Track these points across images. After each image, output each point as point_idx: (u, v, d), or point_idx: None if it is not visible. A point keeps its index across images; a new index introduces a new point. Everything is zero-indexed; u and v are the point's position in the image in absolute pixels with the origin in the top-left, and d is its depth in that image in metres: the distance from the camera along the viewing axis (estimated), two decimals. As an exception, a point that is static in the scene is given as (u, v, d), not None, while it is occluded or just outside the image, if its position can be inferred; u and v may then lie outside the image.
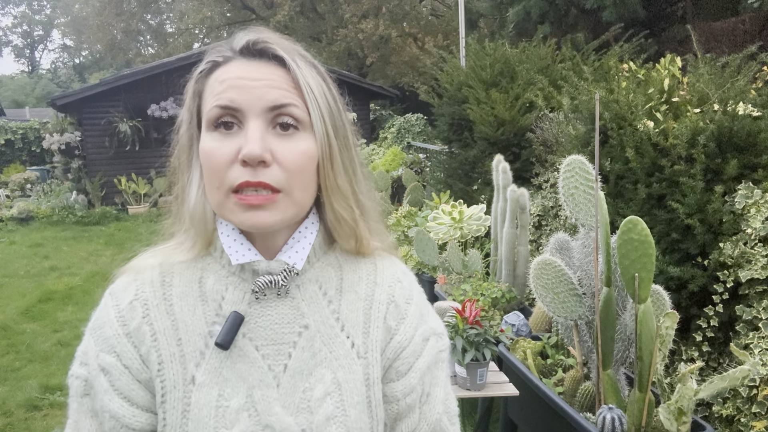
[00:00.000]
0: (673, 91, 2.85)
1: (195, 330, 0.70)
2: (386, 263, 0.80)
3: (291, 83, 0.68)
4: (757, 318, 2.14)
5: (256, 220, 0.65)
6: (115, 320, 0.70)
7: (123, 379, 0.69)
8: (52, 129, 10.67)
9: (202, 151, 0.68)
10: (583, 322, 2.17)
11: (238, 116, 0.66)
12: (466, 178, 4.77)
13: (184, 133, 0.72)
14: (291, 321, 0.72)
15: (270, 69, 0.68)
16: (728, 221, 2.31)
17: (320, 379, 0.71)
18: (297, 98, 0.67)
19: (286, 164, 0.66)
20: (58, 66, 42.03)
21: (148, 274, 0.73)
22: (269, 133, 0.66)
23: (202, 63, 0.72)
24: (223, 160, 0.65)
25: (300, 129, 0.68)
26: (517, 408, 2.47)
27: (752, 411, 2.04)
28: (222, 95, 0.66)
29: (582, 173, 2.07)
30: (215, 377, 0.69)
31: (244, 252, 0.71)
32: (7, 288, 5.83)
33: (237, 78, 0.67)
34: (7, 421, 3.18)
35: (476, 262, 3.36)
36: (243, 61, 0.68)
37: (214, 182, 0.66)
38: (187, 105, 0.72)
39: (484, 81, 4.67)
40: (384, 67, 16.45)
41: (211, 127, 0.67)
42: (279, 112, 0.66)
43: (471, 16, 8.96)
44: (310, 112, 0.68)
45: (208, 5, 18.72)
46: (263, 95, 0.66)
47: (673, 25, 7.10)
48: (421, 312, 0.79)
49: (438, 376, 0.78)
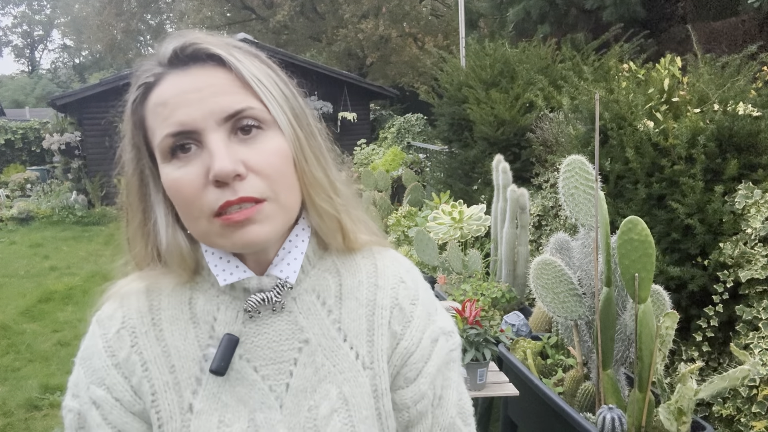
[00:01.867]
0: (673, 91, 2.85)
1: (188, 355, 0.66)
2: (387, 262, 0.75)
3: (238, 83, 0.61)
4: (757, 318, 2.14)
5: (248, 238, 0.60)
6: (103, 351, 0.66)
7: (115, 413, 0.65)
8: (52, 129, 10.67)
9: (167, 185, 0.61)
10: (583, 322, 2.17)
11: (194, 136, 0.59)
12: (466, 178, 4.77)
13: (134, 171, 0.65)
14: (289, 337, 0.67)
15: (210, 73, 0.61)
16: (728, 221, 2.31)
17: (325, 395, 0.67)
18: (250, 97, 0.61)
19: (262, 170, 0.60)
20: (58, 66, 42.05)
21: (134, 299, 0.68)
22: (233, 142, 0.60)
23: (132, 89, 0.64)
24: (193, 187, 0.59)
25: (264, 128, 0.62)
26: (517, 408, 2.47)
27: (752, 411, 2.04)
28: (168, 121, 0.59)
29: (582, 173, 2.07)
30: (214, 403, 0.65)
31: (231, 270, 0.65)
32: (7, 288, 5.83)
33: (177, 95, 0.60)
34: (7, 421, 3.18)
35: (476, 262, 3.36)
36: (177, 73, 0.61)
37: (192, 213, 0.60)
38: (129, 140, 0.65)
39: (484, 81, 4.67)
40: (384, 67, 16.45)
41: (168, 157, 0.60)
42: (237, 119, 0.60)
43: (471, 16, 8.96)
44: (269, 108, 0.62)
45: (208, 5, 18.71)
46: (213, 106, 0.59)
47: (673, 25, 7.10)
48: (428, 312, 0.73)
49: (450, 377, 0.73)
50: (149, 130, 0.63)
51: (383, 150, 10.37)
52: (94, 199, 10.29)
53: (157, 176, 0.63)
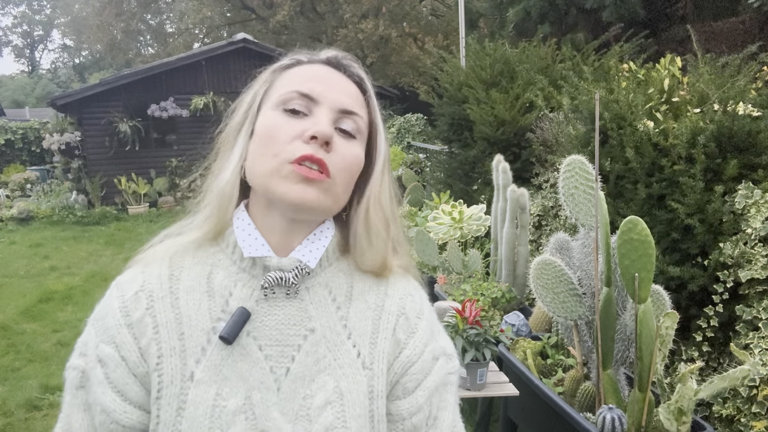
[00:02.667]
0: (673, 91, 2.86)
1: (198, 325, 0.69)
2: (398, 277, 0.79)
3: (362, 101, 0.73)
4: (757, 318, 2.14)
5: (304, 194, 0.66)
6: (118, 310, 0.69)
7: (119, 371, 0.67)
8: (52, 129, 10.67)
9: (265, 123, 0.69)
10: (583, 322, 2.17)
11: (311, 106, 0.69)
12: (466, 178, 4.77)
13: (242, 114, 0.74)
14: (297, 323, 0.70)
15: (348, 82, 0.73)
16: (728, 221, 2.31)
17: (322, 386, 0.69)
18: (365, 112, 0.73)
19: (343, 158, 0.69)
20: (58, 66, 42.05)
21: (157, 266, 0.72)
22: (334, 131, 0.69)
23: (286, 58, 0.75)
24: (286, 132, 0.67)
25: (357, 138, 0.72)
26: (517, 408, 2.47)
27: (752, 411, 2.04)
28: (303, 84, 0.70)
29: (582, 173, 2.07)
30: (214, 375, 0.67)
31: (257, 247, 0.70)
32: (7, 288, 5.83)
33: (320, 75, 0.71)
34: (7, 421, 3.18)
35: (476, 262, 3.36)
36: (327, 67, 0.73)
37: (272, 150, 0.67)
38: (253, 89, 0.74)
39: (484, 81, 4.67)
40: (384, 67, 16.45)
41: (280, 108, 0.69)
42: (346, 116, 0.70)
43: (471, 16, 8.96)
44: (375, 125, 0.74)
45: (208, 5, 18.72)
46: (339, 97, 0.70)
47: (673, 25, 7.10)
48: (432, 329, 0.77)
49: (447, 399, 0.75)
50: (274, 88, 0.72)
51: (383, 150, 10.34)
52: (94, 199, 10.29)
53: (254, 124, 0.72)
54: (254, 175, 0.69)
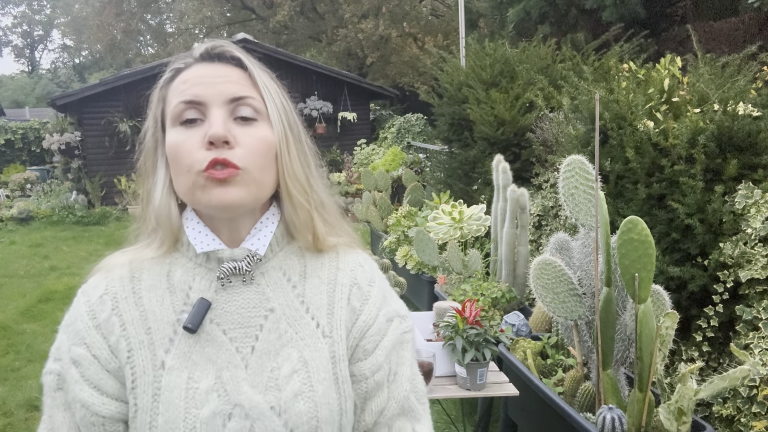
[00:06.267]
0: (673, 91, 2.85)
1: (163, 318, 0.73)
2: (348, 251, 0.84)
3: (249, 81, 0.75)
4: (757, 318, 2.14)
5: (224, 196, 0.70)
6: (85, 314, 0.74)
7: (92, 369, 0.71)
8: (52, 129, 10.67)
9: (170, 144, 0.72)
10: (583, 322, 2.17)
11: (202, 109, 0.72)
12: (466, 178, 4.77)
13: (150, 138, 0.77)
14: (257, 305, 0.75)
15: (229, 69, 0.75)
16: (728, 221, 2.31)
17: (287, 358, 0.74)
18: (254, 92, 0.74)
19: (247, 147, 0.71)
20: (58, 66, 42.02)
21: (118, 271, 0.77)
22: (230, 122, 0.72)
23: (166, 72, 0.77)
24: (190, 146, 0.71)
25: (258, 119, 0.74)
26: (517, 408, 2.47)
27: (752, 411, 2.04)
28: (186, 92, 0.72)
29: (582, 173, 2.07)
30: (185, 361, 0.72)
31: (208, 242, 0.75)
32: (7, 288, 5.83)
33: (199, 77, 0.73)
34: (7, 421, 3.18)
35: (476, 262, 3.36)
36: (204, 64, 0.75)
37: (184, 167, 0.71)
38: (152, 113, 0.77)
39: (484, 81, 4.67)
40: (384, 67, 16.45)
41: (177, 124, 0.72)
42: (238, 104, 0.73)
43: (471, 16, 8.97)
44: (267, 103, 0.75)
45: (208, 5, 18.71)
46: (223, 90, 0.72)
47: (673, 25, 7.10)
48: (383, 294, 0.83)
49: (404, 355, 0.81)
50: (168, 103, 0.75)
51: (383, 150, 10.37)
52: (94, 199, 10.29)
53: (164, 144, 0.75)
54: (180, 193, 0.74)
